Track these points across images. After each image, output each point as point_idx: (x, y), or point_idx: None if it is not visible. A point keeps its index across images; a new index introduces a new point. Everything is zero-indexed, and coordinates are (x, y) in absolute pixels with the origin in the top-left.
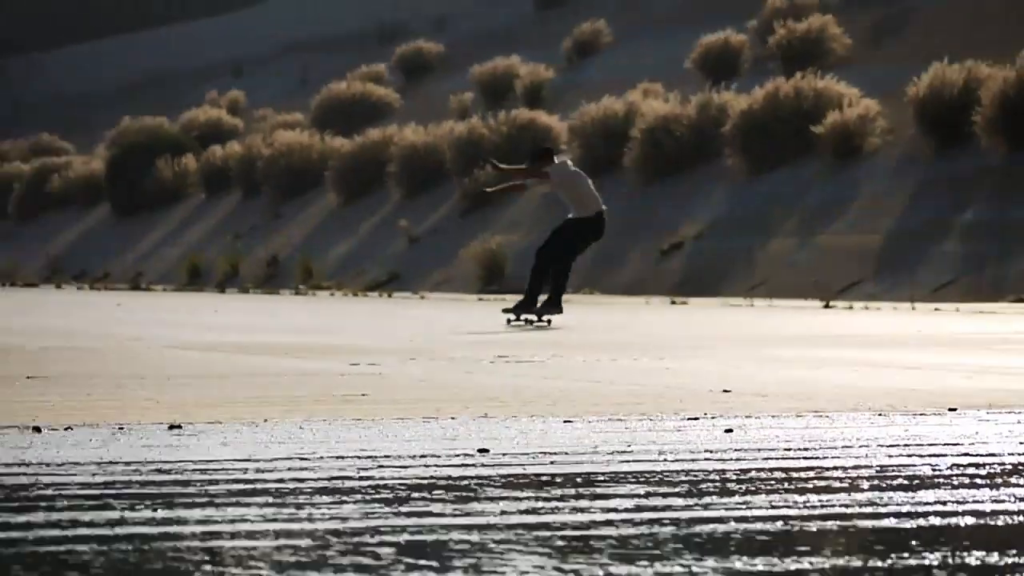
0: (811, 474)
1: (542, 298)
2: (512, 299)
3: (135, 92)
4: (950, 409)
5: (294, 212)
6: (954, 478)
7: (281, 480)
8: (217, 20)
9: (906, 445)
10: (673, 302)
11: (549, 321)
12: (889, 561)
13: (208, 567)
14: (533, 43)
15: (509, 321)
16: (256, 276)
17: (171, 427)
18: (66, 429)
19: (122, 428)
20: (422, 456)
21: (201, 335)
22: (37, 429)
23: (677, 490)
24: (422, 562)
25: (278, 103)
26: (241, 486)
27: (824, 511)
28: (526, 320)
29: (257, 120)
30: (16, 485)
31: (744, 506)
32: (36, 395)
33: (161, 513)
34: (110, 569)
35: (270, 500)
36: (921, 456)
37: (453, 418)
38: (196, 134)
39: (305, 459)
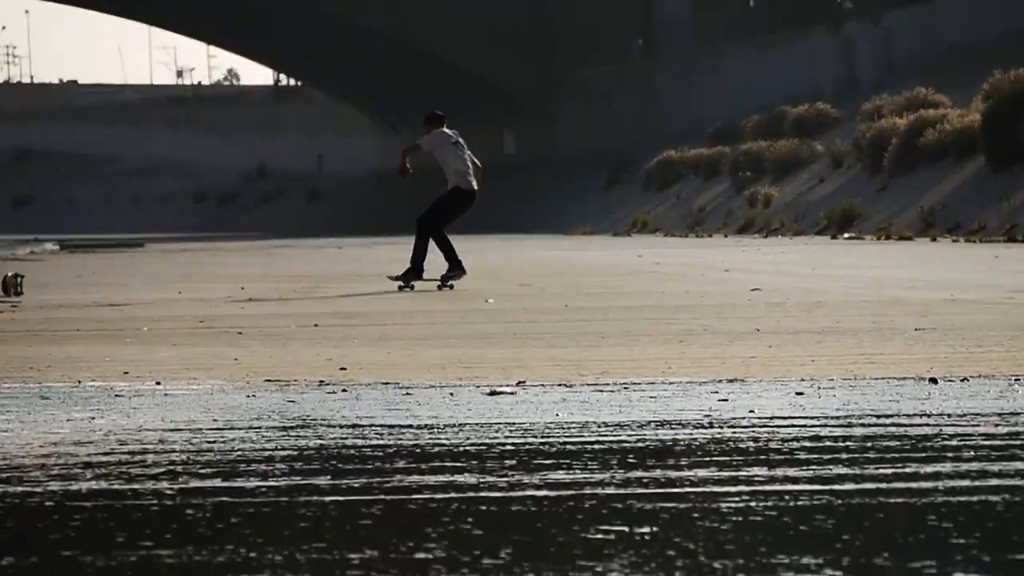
0: None
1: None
2: None
3: (1017, 42)
4: None
5: None
6: None
7: None
8: None
9: None
10: None
11: (452, 286)
12: None
13: None
14: None
15: (400, 288)
16: None
17: None
18: (962, 380)
19: (1018, 379)
20: None
21: None
22: (934, 380)
23: None
24: None
25: None
26: None
27: None
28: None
29: None
30: (920, 436)
31: None
32: (928, 347)
33: None
34: None
35: None
36: None
37: None
38: None
39: None
